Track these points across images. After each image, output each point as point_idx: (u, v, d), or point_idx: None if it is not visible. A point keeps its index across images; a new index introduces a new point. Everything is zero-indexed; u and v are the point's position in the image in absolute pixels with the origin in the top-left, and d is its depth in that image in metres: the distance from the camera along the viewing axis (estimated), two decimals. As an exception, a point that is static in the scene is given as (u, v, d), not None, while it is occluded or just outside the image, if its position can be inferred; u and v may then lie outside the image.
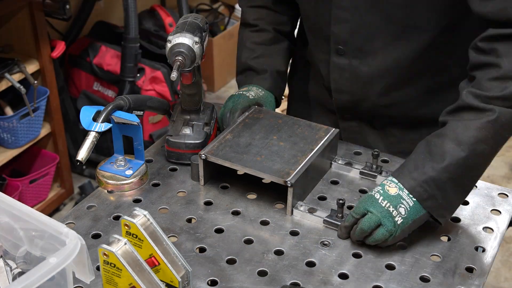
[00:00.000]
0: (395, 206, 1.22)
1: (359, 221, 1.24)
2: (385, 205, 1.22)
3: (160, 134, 3.03)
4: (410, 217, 1.23)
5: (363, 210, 1.24)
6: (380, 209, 1.22)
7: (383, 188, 1.25)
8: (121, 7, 2.95)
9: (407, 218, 1.22)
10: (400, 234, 1.23)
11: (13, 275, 1.13)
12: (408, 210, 1.22)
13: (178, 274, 1.09)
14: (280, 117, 1.50)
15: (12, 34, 2.65)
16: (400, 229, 1.23)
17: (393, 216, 1.22)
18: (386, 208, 1.22)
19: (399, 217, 1.22)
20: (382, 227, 1.22)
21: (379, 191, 1.24)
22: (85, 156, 1.30)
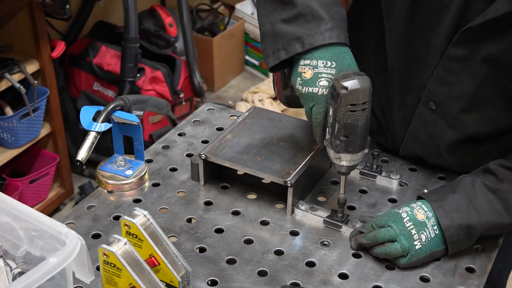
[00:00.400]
0: (418, 231, 1.20)
1: (376, 230, 1.23)
2: (409, 226, 1.21)
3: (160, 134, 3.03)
4: (428, 247, 1.21)
5: (384, 223, 1.23)
6: (402, 227, 1.21)
7: (412, 210, 1.22)
8: (121, 7, 2.95)
9: (425, 247, 1.21)
10: (416, 261, 1.21)
11: (13, 275, 1.13)
12: (428, 240, 1.21)
13: (178, 274, 1.09)
14: (280, 117, 1.50)
15: (12, 34, 2.65)
16: (417, 256, 1.20)
17: (414, 238, 1.20)
18: (409, 229, 1.20)
19: (419, 242, 1.20)
20: (397, 243, 1.20)
21: (407, 212, 1.22)
22: (85, 156, 1.30)
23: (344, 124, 1.15)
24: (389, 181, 1.42)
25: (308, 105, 1.20)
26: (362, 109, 1.14)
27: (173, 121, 1.63)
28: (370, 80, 1.15)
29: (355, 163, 1.21)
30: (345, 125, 1.15)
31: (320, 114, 1.19)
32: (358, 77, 1.13)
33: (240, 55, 4.07)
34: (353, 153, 1.19)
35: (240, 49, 4.04)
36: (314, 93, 1.18)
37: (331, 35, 1.16)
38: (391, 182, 1.42)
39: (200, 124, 1.63)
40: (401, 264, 1.21)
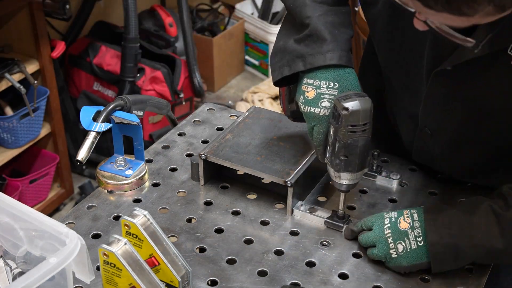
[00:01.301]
0: (394, 240, 1.19)
1: (362, 233, 1.24)
2: (386, 234, 1.20)
3: (160, 134, 3.03)
4: (406, 258, 1.18)
5: (370, 225, 1.23)
6: (380, 233, 1.20)
7: (398, 217, 1.20)
8: (121, 7, 2.95)
9: (402, 258, 1.18)
10: (394, 268, 1.20)
11: (13, 275, 1.13)
12: (407, 251, 1.18)
13: (178, 274, 1.09)
14: (280, 117, 1.50)
15: (12, 34, 2.65)
16: (393, 263, 1.19)
17: (389, 247, 1.19)
18: (386, 237, 1.19)
19: (395, 252, 1.18)
20: (375, 249, 1.20)
21: (390, 218, 1.21)
22: (85, 156, 1.30)
23: (344, 144, 1.16)
24: (389, 181, 1.42)
25: (310, 124, 1.22)
26: (362, 130, 1.15)
27: (173, 121, 1.63)
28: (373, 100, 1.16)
29: (355, 182, 1.22)
30: (345, 145, 1.16)
31: (321, 134, 1.21)
32: (360, 98, 1.14)
33: (240, 55, 4.06)
34: (352, 172, 1.20)
35: (240, 49, 4.04)
36: (316, 113, 1.20)
37: (332, 57, 1.18)
38: (391, 182, 1.42)
39: (200, 124, 1.63)
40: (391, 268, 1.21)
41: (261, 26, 3.89)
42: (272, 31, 3.85)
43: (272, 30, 3.85)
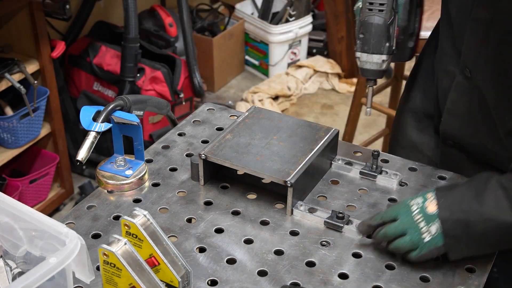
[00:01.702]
0: (427, 223, 1.18)
1: (386, 225, 1.22)
2: (417, 220, 1.19)
3: (160, 134, 3.03)
4: (438, 239, 1.18)
5: (394, 216, 1.21)
6: (410, 221, 1.19)
7: (423, 203, 1.20)
8: (121, 7, 2.95)
9: (436, 238, 1.18)
10: (425, 254, 1.19)
11: (13, 275, 1.13)
12: (439, 231, 1.18)
13: (178, 274, 1.09)
14: (280, 117, 1.50)
15: (12, 34, 2.65)
16: (426, 248, 1.19)
17: (421, 232, 1.18)
18: (417, 222, 1.19)
19: (428, 234, 1.18)
20: (406, 236, 1.19)
21: (417, 204, 1.20)
22: (85, 156, 1.30)
23: (361, 21, 1.27)
24: (389, 181, 1.42)
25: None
26: (379, 9, 1.25)
27: (173, 121, 1.63)
28: None
29: (373, 67, 1.29)
30: (362, 23, 1.27)
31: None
32: None
33: (240, 55, 4.07)
34: (368, 52, 1.28)
35: (240, 49, 4.04)
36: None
37: None
38: (391, 182, 1.42)
39: (200, 124, 1.63)
40: (412, 258, 1.20)
41: (261, 26, 3.89)
42: (272, 31, 3.85)
43: (272, 30, 3.85)
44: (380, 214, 1.24)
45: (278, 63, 3.98)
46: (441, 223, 1.17)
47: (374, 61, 1.28)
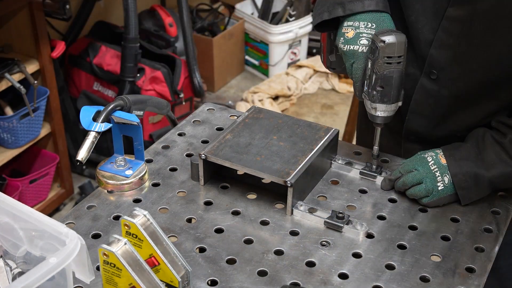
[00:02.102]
0: (441, 173, 1.33)
1: (403, 176, 1.35)
2: (433, 169, 1.33)
3: (160, 134, 3.03)
4: (450, 189, 1.33)
5: (411, 168, 1.35)
6: (427, 170, 1.33)
7: (436, 155, 1.35)
8: (121, 7, 2.95)
9: (447, 188, 1.33)
10: (436, 201, 1.34)
11: (13, 275, 1.13)
12: (451, 182, 1.33)
13: (178, 274, 1.09)
14: (280, 117, 1.50)
15: (12, 34, 2.65)
16: (438, 195, 1.33)
17: (437, 180, 1.32)
18: (433, 171, 1.33)
19: (442, 184, 1.33)
20: (422, 185, 1.32)
21: (432, 156, 1.35)
22: (85, 156, 1.30)
23: (381, 75, 1.27)
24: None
25: (349, 62, 1.32)
26: (397, 62, 1.26)
27: (173, 121, 1.63)
28: None
29: (389, 114, 1.32)
30: (381, 76, 1.27)
31: (359, 69, 1.31)
32: (395, 33, 1.26)
33: (240, 55, 4.07)
34: (388, 103, 1.30)
35: (240, 49, 4.04)
36: (355, 50, 1.31)
37: (369, 4, 1.30)
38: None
39: (200, 124, 1.63)
40: (423, 203, 1.34)
41: (261, 26, 3.89)
42: (272, 31, 3.85)
43: (272, 30, 3.85)
44: (398, 169, 1.38)
45: (278, 63, 3.98)
46: (451, 177, 1.32)
47: (392, 109, 1.32)
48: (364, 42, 1.29)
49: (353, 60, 1.31)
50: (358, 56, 1.30)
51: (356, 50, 1.30)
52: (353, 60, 1.31)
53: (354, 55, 1.31)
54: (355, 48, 1.30)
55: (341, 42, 1.32)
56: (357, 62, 1.31)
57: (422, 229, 1.30)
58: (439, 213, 1.35)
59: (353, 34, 1.31)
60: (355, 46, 1.30)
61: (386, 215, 1.34)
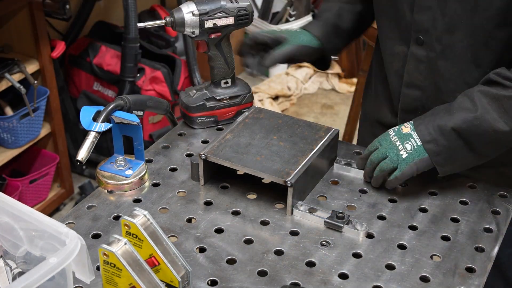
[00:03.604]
0: (402, 142, 1.34)
1: (371, 155, 1.37)
2: (394, 140, 1.34)
3: (160, 134, 3.03)
4: (415, 154, 1.32)
5: (377, 144, 1.37)
6: (388, 143, 1.35)
7: (399, 127, 1.36)
8: (121, 7, 2.95)
9: (412, 154, 1.32)
10: (407, 170, 1.33)
11: (13, 275, 1.13)
12: (414, 148, 1.33)
13: (178, 274, 1.09)
14: (280, 117, 1.50)
15: (12, 34, 2.65)
16: (405, 164, 1.32)
17: (399, 149, 1.33)
18: (394, 142, 1.34)
19: (404, 151, 1.33)
20: (387, 159, 1.34)
21: (394, 129, 1.37)
22: (85, 156, 1.30)
23: None
24: (389, 181, 1.42)
25: None
26: None
27: (173, 121, 1.63)
28: None
29: None
30: None
31: None
32: None
33: (240, 55, 4.06)
34: None
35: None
36: None
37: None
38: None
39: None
40: (397, 179, 1.34)
41: (261, 26, 3.89)
42: (272, 31, 3.85)
43: (272, 30, 3.84)
44: (368, 147, 1.40)
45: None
46: (418, 134, 1.32)
47: None
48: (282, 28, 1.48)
49: None
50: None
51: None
52: None
53: None
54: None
55: None
56: None
57: (422, 229, 1.30)
58: (439, 213, 1.35)
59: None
60: None
61: (386, 215, 1.34)
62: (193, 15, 1.48)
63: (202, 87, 1.62)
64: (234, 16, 1.54)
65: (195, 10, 1.48)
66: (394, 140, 1.35)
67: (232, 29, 1.57)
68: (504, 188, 1.42)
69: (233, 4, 1.52)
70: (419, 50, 1.43)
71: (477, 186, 1.42)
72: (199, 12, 1.48)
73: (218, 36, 1.56)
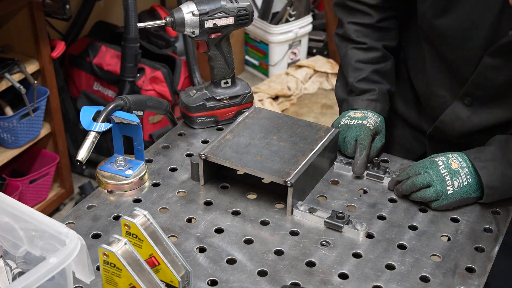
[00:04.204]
0: (451, 178, 1.33)
1: (412, 177, 1.35)
2: (443, 173, 1.33)
3: (160, 134, 3.03)
4: (460, 193, 1.33)
5: (421, 170, 1.35)
6: (437, 173, 1.33)
7: (447, 160, 1.35)
8: (121, 7, 2.95)
9: (457, 192, 1.33)
10: (446, 205, 1.33)
11: (13, 275, 1.13)
12: (461, 187, 1.33)
13: (178, 274, 1.09)
14: (280, 117, 1.50)
15: (12, 34, 2.65)
16: (448, 199, 1.33)
17: (447, 184, 1.32)
18: (443, 175, 1.33)
19: (451, 188, 1.33)
20: (432, 188, 1.32)
21: (443, 161, 1.35)
22: (85, 156, 1.30)
23: None
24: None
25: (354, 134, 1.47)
26: None
27: (173, 121, 1.64)
28: None
29: None
30: None
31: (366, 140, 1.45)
32: None
33: (240, 55, 4.06)
34: None
35: (240, 49, 4.04)
36: (363, 124, 1.47)
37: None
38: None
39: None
40: (433, 207, 1.34)
41: (261, 26, 3.89)
42: (272, 31, 3.85)
43: (272, 30, 3.85)
44: (406, 170, 1.38)
45: (278, 63, 3.98)
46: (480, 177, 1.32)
47: None
48: (370, 122, 1.46)
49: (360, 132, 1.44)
50: (366, 129, 1.44)
51: (365, 124, 1.45)
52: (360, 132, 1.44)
53: (361, 128, 1.45)
54: (364, 122, 1.45)
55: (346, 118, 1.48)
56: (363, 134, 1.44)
57: (422, 229, 1.30)
58: (439, 213, 1.35)
59: (361, 115, 1.48)
60: (363, 121, 1.46)
61: (386, 215, 1.34)
62: (193, 15, 1.47)
63: (202, 87, 1.62)
64: (234, 16, 1.53)
65: (195, 10, 1.48)
66: (444, 173, 1.33)
67: (232, 29, 1.56)
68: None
69: (233, 4, 1.52)
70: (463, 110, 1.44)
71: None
72: (199, 12, 1.48)
73: (218, 36, 1.54)
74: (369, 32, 1.55)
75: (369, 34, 1.55)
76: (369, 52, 1.55)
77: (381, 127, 1.49)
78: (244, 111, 1.55)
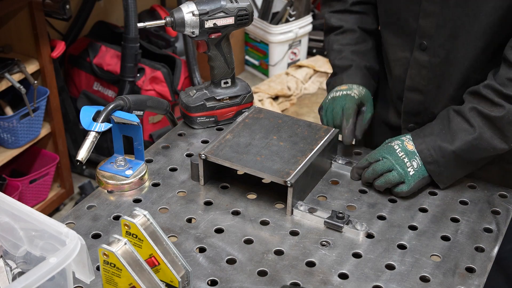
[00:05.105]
0: (409, 159, 1.36)
1: (372, 164, 1.38)
2: (401, 156, 1.36)
3: (160, 134, 3.03)
4: (420, 173, 1.36)
5: (379, 156, 1.38)
6: (395, 157, 1.36)
7: (402, 143, 1.38)
8: (121, 7, 2.95)
9: (418, 172, 1.36)
10: (414, 187, 1.36)
11: (13, 275, 1.13)
12: (419, 166, 1.36)
13: (178, 274, 1.09)
14: (280, 117, 1.50)
15: (12, 34, 2.65)
16: (413, 181, 1.36)
17: (406, 166, 1.36)
18: (402, 158, 1.36)
19: (412, 169, 1.36)
20: (394, 171, 1.35)
21: (398, 144, 1.38)
22: (85, 156, 1.30)
23: None
24: (389, 181, 1.42)
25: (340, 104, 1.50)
26: None
27: (173, 121, 1.64)
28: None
29: None
30: None
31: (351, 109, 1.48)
32: None
33: (240, 55, 4.06)
34: None
35: (240, 49, 4.04)
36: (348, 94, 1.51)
37: None
38: (391, 182, 1.42)
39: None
40: (404, 192, 1.36)
41: (261, 26, 3.89)
42: (272, 31, 3.85)
43: (272, 30, 3.85)
44: (365, 157, 1.41)
45: (278, 63, 3.98)
46: (419, 154, 1.36)
47: None
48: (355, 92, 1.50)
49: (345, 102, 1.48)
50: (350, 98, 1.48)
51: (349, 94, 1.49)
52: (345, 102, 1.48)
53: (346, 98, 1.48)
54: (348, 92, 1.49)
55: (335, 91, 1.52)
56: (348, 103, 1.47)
57: (422, 229, 1.30)
58: (439, 213, 1.35)
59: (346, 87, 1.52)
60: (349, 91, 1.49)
61: (386, 215, 1.34)
62: (193, 15, 1.48)
63: (202, 87, 1.62)
64: (234, 16, 1.53)
65: (195, 10, 1.48)
66: (401, 155, 1.36)
67: (232, 29, 1.57)
68: (504, 188, 1.42)
69: (233, 4, 1.52)
70: (422, 56, 1.45)
71: (477, 186, 1.42)
72: (199, 12, 1.48)
73: (218, 36, 1.55)
74: (345, 16, 1.62)
75: (345, 18, 1.62)
76: (346, 34, 1.61)
77: (367, 98, 1.53)
78: (244, 111, 1.55)
